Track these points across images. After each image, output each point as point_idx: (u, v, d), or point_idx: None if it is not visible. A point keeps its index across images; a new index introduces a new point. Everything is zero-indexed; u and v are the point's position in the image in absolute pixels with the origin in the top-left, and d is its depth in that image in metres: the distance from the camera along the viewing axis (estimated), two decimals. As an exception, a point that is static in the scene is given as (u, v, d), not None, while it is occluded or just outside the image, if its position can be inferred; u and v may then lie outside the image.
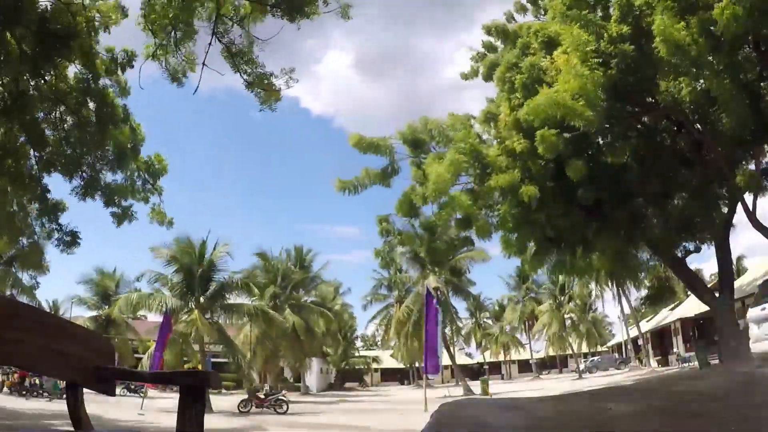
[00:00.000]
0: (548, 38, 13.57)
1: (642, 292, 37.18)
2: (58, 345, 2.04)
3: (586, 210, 14.86)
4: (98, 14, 10.99)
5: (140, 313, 30.98)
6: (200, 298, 24.15)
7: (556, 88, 11.82)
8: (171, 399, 17.85)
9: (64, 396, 2.23)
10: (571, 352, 51.09)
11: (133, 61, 11.62)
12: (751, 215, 14.58)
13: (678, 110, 13.49)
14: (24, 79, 10.97)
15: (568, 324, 50.47)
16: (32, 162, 12.76)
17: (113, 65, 11.77)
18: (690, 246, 17.21)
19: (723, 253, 16.55)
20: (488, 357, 65.35)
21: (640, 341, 41.90)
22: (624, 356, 48.31)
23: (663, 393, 10.76)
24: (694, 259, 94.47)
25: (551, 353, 58.25)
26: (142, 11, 9.37)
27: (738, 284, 23.08)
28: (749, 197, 14.70)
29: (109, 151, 12.97)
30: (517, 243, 15.98)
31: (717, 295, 16.50)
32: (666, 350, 36.85)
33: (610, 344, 58.36)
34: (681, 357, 30.88)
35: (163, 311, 22.23)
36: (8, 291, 25.99)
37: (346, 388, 53.25)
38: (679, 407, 7.68)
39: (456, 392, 29.45)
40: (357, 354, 62.17)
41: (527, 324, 55.01)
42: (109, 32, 11.59)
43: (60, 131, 12.35)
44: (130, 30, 10.40)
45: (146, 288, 26.13)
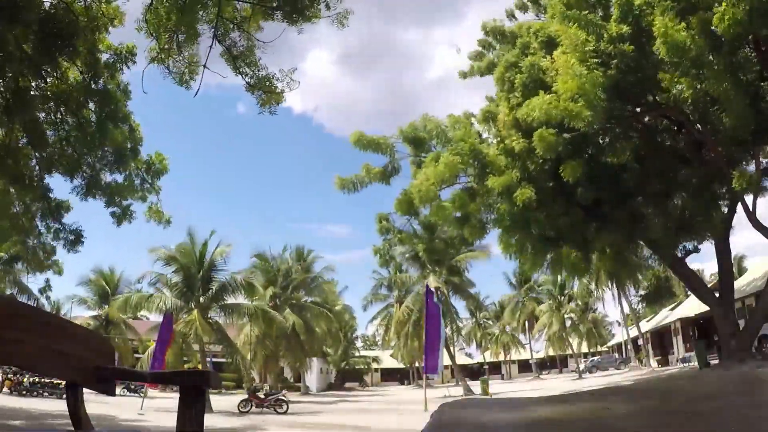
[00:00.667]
0: (548, 38, 13.58)
1: (640, 292, 37.14)
2: (58, 345, 2.05)
3: (586, 210, 14.84)
4: (101, 14, 10.96)
5: (140, 314, 30.93)
6: (200, 298, 24.19)
7: (554, 91, 11.84)
8: (171, 399, 17.83)
9: (64, 396, 2.23)
10: (571, 352, 51.08)
11: (134, 58, 11.59)
12: (751, 215, 14.58)
13: (678, 110, 13.50)
14: (25, 80, 10.96)
15: (568, 324, 50.49)
16: (33, 162, 12.77)
17: (120, 63, 11.72)
18: (690, 246, 17.22)
19: (723, 253, 16.55)
20: (488, 357, 65.33)
21: (640, 341, 41.92)
22: (624, 356, 48.29)
23: (663, 393, 10.77)
24: (694, 259, 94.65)
25: (551, 353, 58.29)
26: (145, 16, 9.32)
27: (738, 284, 23.07)
28: (749, 197, 14.70)
29: (109, 152, 12.97)
30: (517, 243, 15.99)
31: (717, 295, 16.51)
32: (666, 350, 36.85)
33: (610, 344, 58.33)
34: (681, 357, 30.90)
35: (164, 311, 22.23)
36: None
37: (346, 388, 53.24)
38: (679, 407, 7.68)
39: (456, 392, 29.46)
40: (357, 354, 62.16)
41: (527, 324, 54.97)
42: (109, 32, 11.58)
43: (61, 131, 12.34)
44: (130, 30, 10.38)
45: (147, 289, 26.14)
